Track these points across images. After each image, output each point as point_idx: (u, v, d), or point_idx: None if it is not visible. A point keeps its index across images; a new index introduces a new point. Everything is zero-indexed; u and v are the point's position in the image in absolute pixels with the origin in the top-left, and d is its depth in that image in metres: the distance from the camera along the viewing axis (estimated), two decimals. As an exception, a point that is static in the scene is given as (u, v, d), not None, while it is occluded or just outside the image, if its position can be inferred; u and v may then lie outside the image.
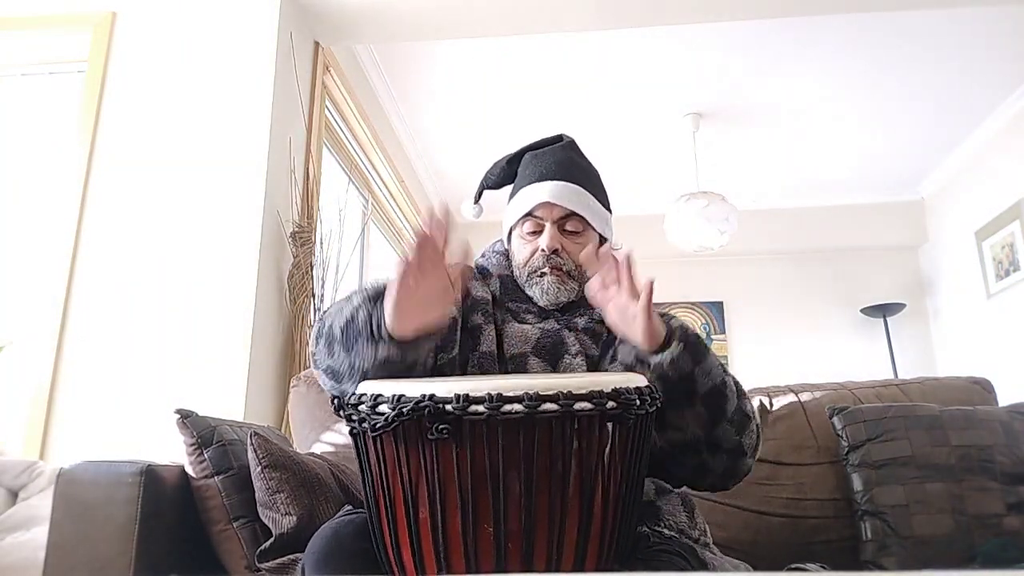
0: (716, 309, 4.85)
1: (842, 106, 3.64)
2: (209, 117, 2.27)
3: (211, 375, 2.03)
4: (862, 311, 4.60)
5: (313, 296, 2.35)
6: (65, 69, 2.47)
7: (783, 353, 4.69)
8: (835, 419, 1.54)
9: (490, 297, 1.11)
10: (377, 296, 0.88)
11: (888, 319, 4.50)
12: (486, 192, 1.24)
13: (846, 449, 1.50)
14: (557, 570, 0.68)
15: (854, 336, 4.69)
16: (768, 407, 1.63)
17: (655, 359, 0.87)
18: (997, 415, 1.52)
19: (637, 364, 0.89)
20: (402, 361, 0.87)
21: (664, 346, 0.88)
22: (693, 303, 4.85)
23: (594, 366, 1.05)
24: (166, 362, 2.06)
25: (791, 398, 1.63)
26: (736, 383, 0.97)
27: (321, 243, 2.44)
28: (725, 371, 0.95)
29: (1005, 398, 1.64)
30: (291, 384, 1.72)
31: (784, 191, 4.69)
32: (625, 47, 3.13)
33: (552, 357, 1.03)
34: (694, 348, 0.89)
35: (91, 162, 2.24)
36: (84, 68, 2.34)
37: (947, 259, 4.45)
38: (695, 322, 4.82)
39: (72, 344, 2.09)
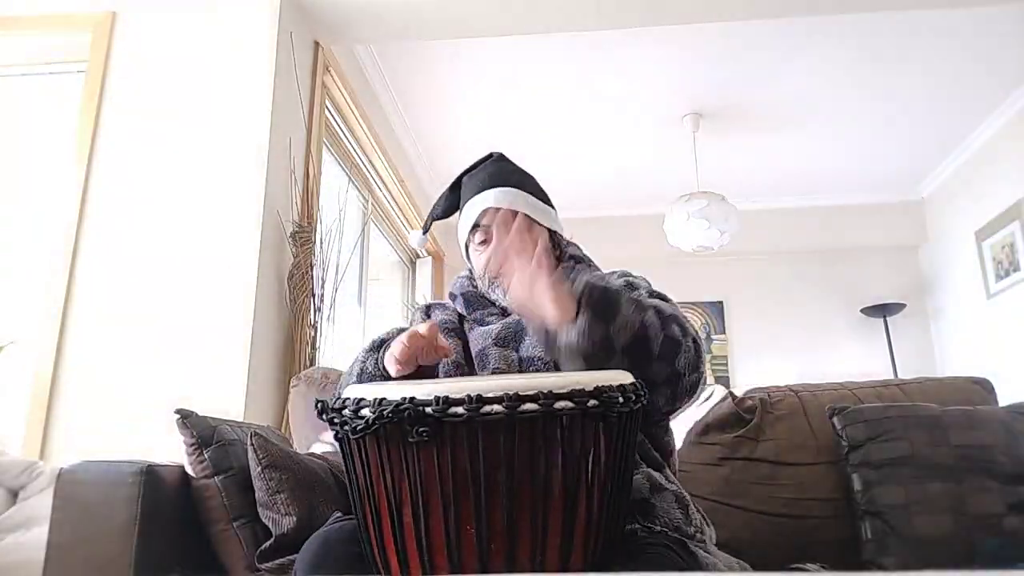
0: (716, 309, 4.85)
1: (842, 106, 3.64)
2: (209, 117, 2.27)
3: (211, 375, 2.03)
4: (862, 311, 4.60)
5: (313, 296, 2.35)
6: (65, 69, 2.47)
7: (783, 353, 4.69)
8: (835, 419, 1.54)
9: (455, 317, 1.20)
10: (377, 347, 1.07)
11: (888, 319, 4.50)
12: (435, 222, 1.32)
13: (846, 449, 1.50)
14: (541, 570, 0.68)
15: (854, 336, 4.69)
16: (768, 407, 1.63)
17: (564, 340, 0.89)
18: (997, 415, 1.51)
19: (550, 351, 0.93)
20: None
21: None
22: (693, 303, 4.85)
23: None
24: (166, 362, 2.06)
25: (791, 398, 1.63)
26: (657, 309, 0.94)
27: (321, 243, 2.44)
28: (641, 308, 0.92)
29: (1005, 398, 1.64)
30: (291, 384, 1.72)
31: (784, 191, 4.69)
32: (625, 47, 3.13)
33: (514, 343, 1.09)
34: (603, 311, 0.88)
35: (91, 162, 2.24)
36: (84, 68, 2.34)
37: (947, 259, 4.45)
38: (695, 322, 4.82)
39: (72, 344, 2.09)
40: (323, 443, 1.59)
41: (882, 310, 4.49)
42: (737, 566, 0.97)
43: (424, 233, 1.31)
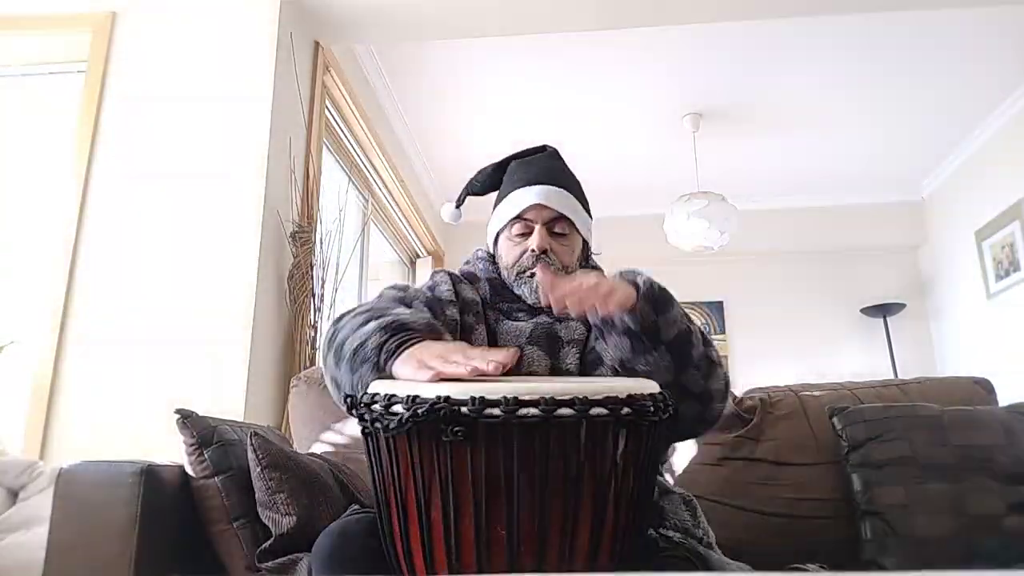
0: (716, 309, 4.85)
1: (842, 106, 3.64)
2: (209, 117, 2.27)
3: (211, 375, 2.03)
4: (862, 311, 4.60)
5: (313, 296, 2.35)
6: (65, 69, 2.47)
7: (783, 353, 4.69)
8: (835, 419, 1.54)
9: (479, 299, 1.15)
10: (395, 330, 0.88)
11: (888, 319, 4.50)
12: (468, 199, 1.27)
13: (846, 449, 1.50)
14: (569, 572, 0.68)
15: (854, 336, 4.69)
16: (768, 407, 1.63)
17: (618, 318, 0.91)
18: (997, 415, 1.51)
19: (603, 323, 0.94)
20: None
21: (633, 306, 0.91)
22: (693, 303, 4.85)
23: (582, 348, 1.10)
24: (166, 362, 2.06)
25: (791, 398, 1.63)
26: (702, 332, 1.01)
27: (321, 243, 2.44)
28: (690, 320, 0.99)
29: (1005, 398, 1.64)
30: (291, 384, 1.72)
31: (784, 191, 4.69)
32: (625, 47, 3.13)
33: (550, 349, 1.08)
34: (657, 301, 0.93)
35: (91, 162, 2.24)
36: (84, 68, 2.34)
37: (947, 259, 4.45)
38: (695, 322, 4.82)
39: (72, 344, 2.09)
40: (323, 443, 1.59)
41: (882, 310, 4.49)
42: (743, 570, 0.98)
43: (458, 207, 1.26)
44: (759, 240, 4.71)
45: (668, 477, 1.59)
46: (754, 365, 4.70)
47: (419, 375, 0.77)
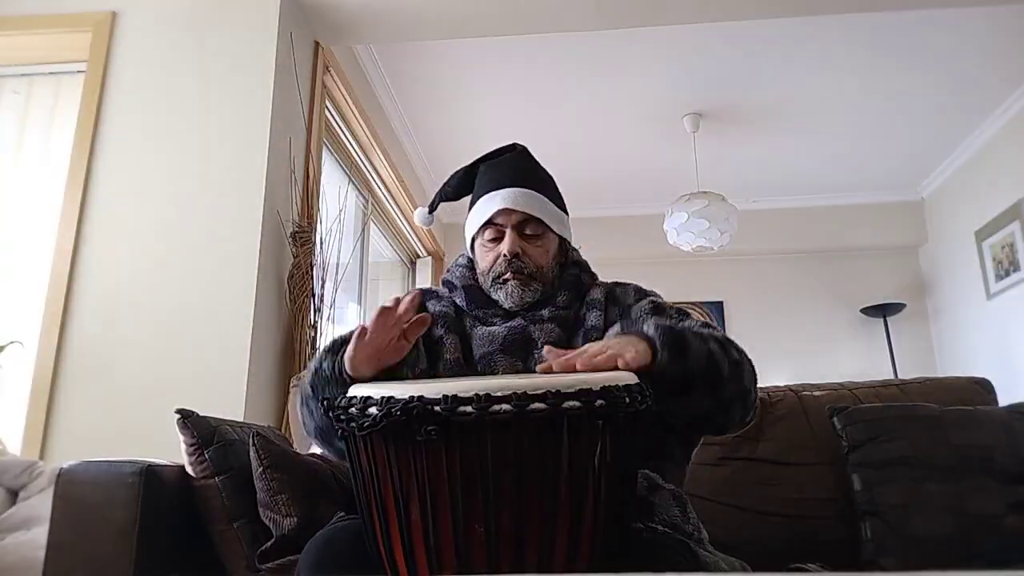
0: (716, 309, 4.85)
1: (842, 106, 3.64)
2: (209, 117, 2.27)
3: (211, 375, 2.03)
4: (862, 311, 4.60)
5: (313, 296, 2.35)
6: (65, 69, 2.47)
7: (783, 353, 4.69)
8: (835, 419, 1.54)
9: (451, 310, 1.15)
10: (337, 348, 0.97)
11: (888, 319, 4.50)
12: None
13: (846, 449, 1.50)
14: (549, 570, 0.68)
15: (854, 336, 4.69)
16: (768, 407, 1.63)
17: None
18: (997, 415, 1.52)
19: None
20: None
21: (652, 361, 0.87)
22: (693, 303, 4.85)
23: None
24: (166, 362, 2.06)
25: (791, 398, 1.63)
26: (716, 339, 0.99)
27: (321, 243, 2.44)
28: (704, 339, 0.96)
29: (1005, 398, 1.64)
30: (291, 384, 1.72)
31: (784, 191, 4.69)
32: (625, 47, 3.13)
33: (522, 354, 1.07)
34: (675, 349, 0.89)
35: (91, 162, 2.23)
36: (84, 68, 2.34)
37: (947, 259, 4.45)
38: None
39: (72, 344, 2.09)
40: (323, 443, 1.59)
41: (882, 310, 4.49)
42: (739, 566, 0.97)
43: (430, 212, 1.27)
44: (759, 240, 4.71)
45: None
46: (754, 365, 4.70)
47: (349, 351, 0.90)
